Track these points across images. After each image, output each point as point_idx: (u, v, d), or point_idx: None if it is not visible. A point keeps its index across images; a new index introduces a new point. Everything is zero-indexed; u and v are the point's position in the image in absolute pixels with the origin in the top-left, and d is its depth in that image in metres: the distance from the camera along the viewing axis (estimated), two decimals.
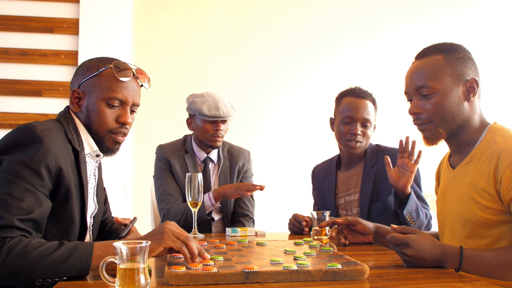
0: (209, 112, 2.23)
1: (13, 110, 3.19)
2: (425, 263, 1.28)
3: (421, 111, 1.46)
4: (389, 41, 3.90)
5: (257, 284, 1.09)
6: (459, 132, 1.46)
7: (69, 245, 1.14)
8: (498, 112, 3.91)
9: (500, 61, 4.05)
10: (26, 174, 1.19)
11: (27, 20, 3.23)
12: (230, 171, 2.42)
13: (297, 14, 3.85)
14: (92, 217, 1.47)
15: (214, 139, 2.29)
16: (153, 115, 3.56)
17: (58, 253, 1.12)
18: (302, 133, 3.74)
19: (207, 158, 2.38)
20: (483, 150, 1.41)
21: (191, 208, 1.85)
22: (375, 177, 2.06)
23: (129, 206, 3.37)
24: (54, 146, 1.25)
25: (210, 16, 3.75)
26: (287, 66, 3.81)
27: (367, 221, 1.71)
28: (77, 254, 1.13)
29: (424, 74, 1.44)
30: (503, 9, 4.09)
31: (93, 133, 1.40)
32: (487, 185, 1.36)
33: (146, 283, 0.97)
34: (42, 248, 1.12)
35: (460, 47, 1.47)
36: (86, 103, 1.40)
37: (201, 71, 3.70)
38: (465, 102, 1.43)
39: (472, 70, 1.45)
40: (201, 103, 2.26)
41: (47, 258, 1.10)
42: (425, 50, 1.49)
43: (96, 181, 1.49)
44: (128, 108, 1.43)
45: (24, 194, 1.17)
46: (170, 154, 2.35)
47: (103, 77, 1.39)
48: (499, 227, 1.37)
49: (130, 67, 1.42)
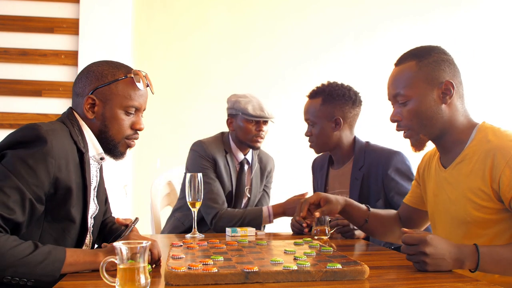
0: (254, 112, 2.25)
1: (13, 110, 3.19)
2: (444, 264, 1.23)
3: (400, 119, 1.47)
4: (389, 41, 3.90)
5: (257, 284, 1.09)
6: (443, 134, 1.45)
7: (43, 249, 1.16)
8: (498, 111, 3.91)
9: (500, 61, 4.05)
10: (23, 172, 1.19)
11: (27, 20, 3.23)
12: (261, 174, 2.46)
13: (297, 14, 3.85)
14: (93, 218, 1.48)
15: (256, 139, 2.30)
16: (153, 115, 3.56)
17: (33, 255, 1.13)
18: (302, 133, 3.74)
19: (244, 159, 2.38)
20: (475, 149, 1.40)
21: (191, 208, 1.81)
22: (362, 180, 2.01)
23: (129, 206, 3.37)
24: (57, 148, 1.25)
25: (210, 16, 3.75)
26: (287, 66, 3.81)
27: (336, 198, 1.67)
28: (50, 259, 1.15)
29: (398, 82, 1.46)
30: (503, 9, 4.09)
31: (108, 139, 1.41)
32: (483, 184, 1.36)
33: (146, 283, 0.98)
34: (18, 248, 1.13)
35: (435, 50, 1.46)
36: (102, 111, 1.40)
37: (201, 71, 3.71)
38: (443, 105, 1.43)
39: (447, 72, 1.43)
40: (246, 103, 2.28)
41: (22, 260, 1.12)
42: (402, 56, 1.50)
43: (97, 182, 1.50)
44: (141, 114, 1.47)
45: (13, 192, 1.17)
46: (215, 152, 2.32)
47: (122, 85, 1.40)
48: (495, 226, 1.37)
49: (143, 74, 1.44)
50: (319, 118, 2.07)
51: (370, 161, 2.01)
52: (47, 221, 1.28)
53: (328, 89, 2.09)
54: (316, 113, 2.08)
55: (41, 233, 1.28)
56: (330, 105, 2.06)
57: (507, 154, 1.32)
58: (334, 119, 2.06)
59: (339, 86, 2.10)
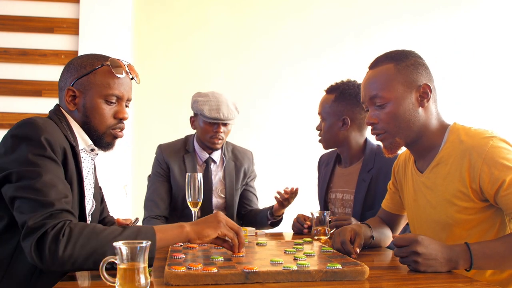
0: (209, 114, 2.19)
1: (13, 110, 3.19)
2: (437, 264, 1.22)
3: (377, 121, 1.46)
4: (389, 40, 3.90)
5: (257, 284, 1.09)
6: (418, 138, 1.45)
7: (131, 228, 1.17)
8: (498, 111, 3.91)
9: (500, 61, 4.05)
10: (42, 163, 1.19)
11: (27, 20, 3.23)
12: (235, 172, 2.39)
13: (297, 13, 3.85)
14: (90, 215, 1.48)
15: (213, 141, 2.26)
16: (153, 114, 3.56)
17: (125, 235, 1.14)
18: (302, 132, 3.74)
19: (209, 158, 2.35)
20: (450, 151, 1.41)
21: (192, 208, 1.76)
22: (370, 182, 1.99)
23: (129, 206, 3.37)
24: (55, 138, 1.25)
25: (210, 16, 3.75)
26: (287, 66, 3.81)
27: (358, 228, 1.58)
28: (142, 236, 1.15)
29: (376, 84, 1.45)
30: (503, 9, 4.09)
31: (92, 130, 1.41)
32: (462, 185, 1.37)
33: (146, 283, 0.97)
34: (108, 230, 1.14)
35: (411, 53, 1.48)
36: (82, 102, 1.40)
37: (201, 70, 3.70)
38: (420, 108, 1.43)
39: (424, 75, 1.44)
40: (203, 103, 2.22)
41: (116, 239, 1.11)
42: (377, 59, 1.50)
43: (94, 178, 1.50)
44: (124, 103, 1.45)
45: (54, 180, 1.18)
46: (169, 156, 2.32)
47: (99, 74, 1.40)
48: (478, 226, 1.39)
49: (123, 64, 1.44)
50: (328, 114, 2.07)
51: (381, 165, 1.97)
52: None
53: (343, 87, 2.06)
54: (327, 109, 2.07)
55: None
56: (341, 104, 2.04)
57: (482, 152, 1.33)
58: (342, 119, 2.04)
59: (354, 87, 2.06)
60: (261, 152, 3.55)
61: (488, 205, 1.37)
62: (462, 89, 3.96)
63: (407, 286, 1.12)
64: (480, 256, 1.25)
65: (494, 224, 1.39)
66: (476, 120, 3.76)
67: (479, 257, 1.25)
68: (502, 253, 1.27)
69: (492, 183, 1.31)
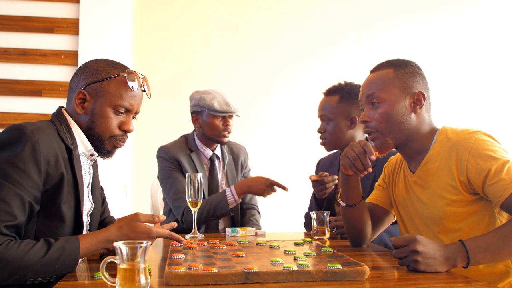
0: (221, 108, 2.26)
1: (13, 110, 3.19)
2: (436, 263, 1.23)
3: (370, 120, 1.53)
4: (390, 39, 3.90)
5: (257, 284, 1.09)
6: (408, 141, 1.52)
7: (57, 245, 1.19)
8: (498, 111, 3.91)
9: (500, 60, 4.05)
10: (16, 175, 1.19)
11: (27, 20, 3.23)
12: (234, 165, 2.46)
13: (297, 11, 3.85)
14: (89, 216, 1.47)
15: (224, 134, 2.32)
16: (153, 114, 3.56)
17: (49, 255, 1.16)
18: (301, 131, 3.74)
19: (213, 155, 2.39)
20: (439, 149, 1.48)
21: (191, 208, 1.81)
22: (373, 179, 2.00)
23: (129, 206, 3.37)
24: (44, 145, 1.24)
25: (209, 15, 3.75)
26: (287, 64, 3.81)
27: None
28: (66, 253, 1.19)
29: (375, 84, 1.53)
30: (503, 9, 4.09)
31: (94, 136, 1.41)
32: (451, 179, 1.43)
33: (146, 283, 0.98)
34: (33, 251, 1.15)
35: (411, 63, 1.56)
36: (92, 107, 1.40)
37: (201, 70, 3.71)
38: (412, 113, 1.51)
39: (420, 84, 1.52)
40: (211, 99, 2.28)
41: (39, 261, 1.15)
42: (379, 64, 1.59)
43: (91, 179, 1.49)
44: (132, 115, 1.46)
45: (12, 198, 1.18)
46: (177, 154, 2.33)
47: (114, 83, 1.40)
48: (468, 218, 1.43)
49: (139, 77, 1.44)
50: (335, 115, 2.09)
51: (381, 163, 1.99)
52: (39, 219, 1.28)
53: (346, 87, 2.12)
54: (333, 110, 2.09)
55: (35, 232, 1.28)
56: (348, 103, 2.08)
57: (468, 145, 1.40)
58: (350, 118, 2.08)
59: (357, 87, 2.12)
60: (259, 150, 3.56)
61: (477, 198, 1.42)
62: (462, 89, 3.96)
63: (407, 286, 1.12)
64: (475, 250, 1.27)
65: (484, 216, 1.43)
66: (476, 120, 3.77)
67: (475, 251, 1.27)
68: (496, 245, 1.29)
69: (478, 173, 1.36)
